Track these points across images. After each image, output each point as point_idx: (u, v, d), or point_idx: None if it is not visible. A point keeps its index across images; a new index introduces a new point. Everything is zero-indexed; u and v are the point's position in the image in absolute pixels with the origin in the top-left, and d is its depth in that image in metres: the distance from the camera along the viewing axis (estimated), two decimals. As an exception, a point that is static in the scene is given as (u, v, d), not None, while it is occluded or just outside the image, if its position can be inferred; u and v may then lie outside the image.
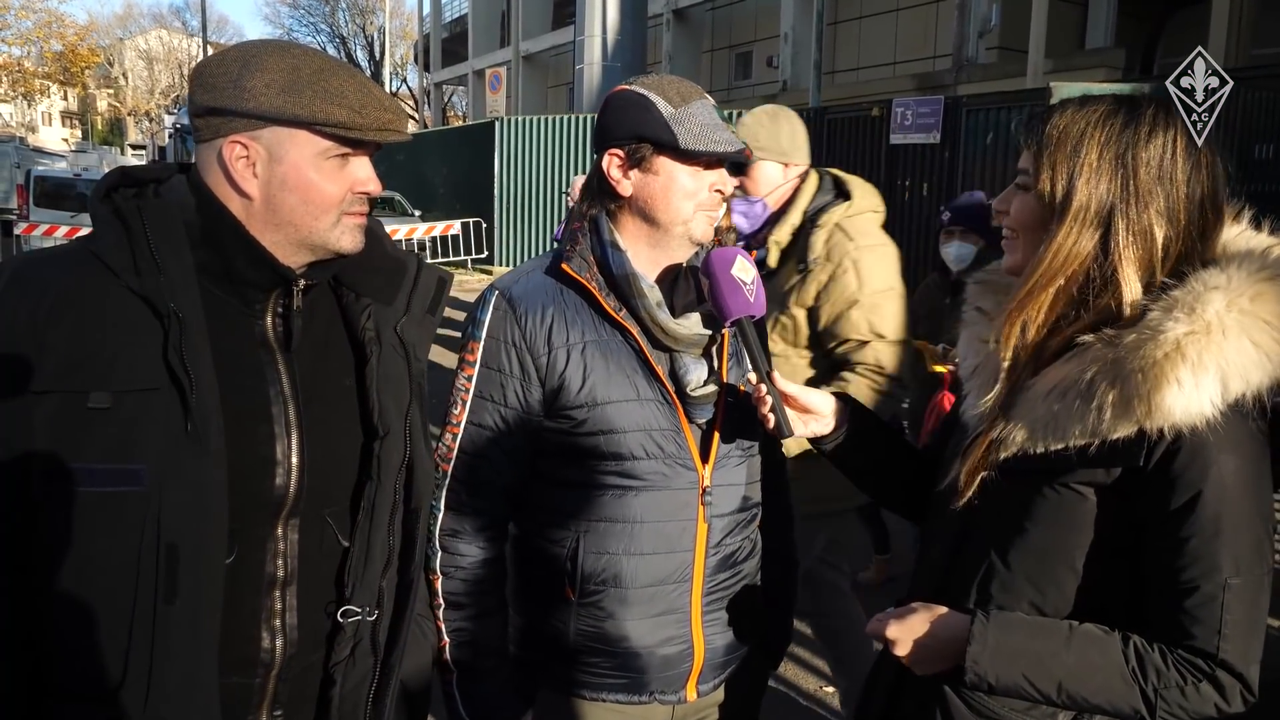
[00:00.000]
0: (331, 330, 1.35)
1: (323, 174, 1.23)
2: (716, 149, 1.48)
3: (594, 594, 1.56)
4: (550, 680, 1.64)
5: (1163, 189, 1.22)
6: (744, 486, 1.64)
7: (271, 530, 1.26)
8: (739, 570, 1.65)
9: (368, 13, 46.23)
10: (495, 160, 17.04)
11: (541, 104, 31.30)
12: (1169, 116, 1.24)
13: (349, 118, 1.20)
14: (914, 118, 13.49)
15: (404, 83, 50.42)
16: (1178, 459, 1.16)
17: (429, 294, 1.43)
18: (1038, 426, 1.23)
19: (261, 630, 1.26)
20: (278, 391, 1.26)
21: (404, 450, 1.36)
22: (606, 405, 1.51)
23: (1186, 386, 1.13)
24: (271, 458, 1.24)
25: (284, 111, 1.18)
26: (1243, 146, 12.04)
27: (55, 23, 41.28)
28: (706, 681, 1.63)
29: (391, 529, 1.36)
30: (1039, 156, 1.26)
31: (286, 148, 1.21)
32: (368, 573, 1.33)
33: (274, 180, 1.22)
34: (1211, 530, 1.15)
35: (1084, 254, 1.23)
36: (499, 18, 35.53)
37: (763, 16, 23.54)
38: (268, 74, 1.19)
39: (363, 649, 1.35)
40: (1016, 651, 1.22)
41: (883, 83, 19.65)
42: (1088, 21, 18.66)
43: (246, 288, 1.26)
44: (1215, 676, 1.16)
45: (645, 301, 1.52)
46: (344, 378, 1.35)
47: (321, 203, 1.23)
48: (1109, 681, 1.19)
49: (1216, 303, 1.15)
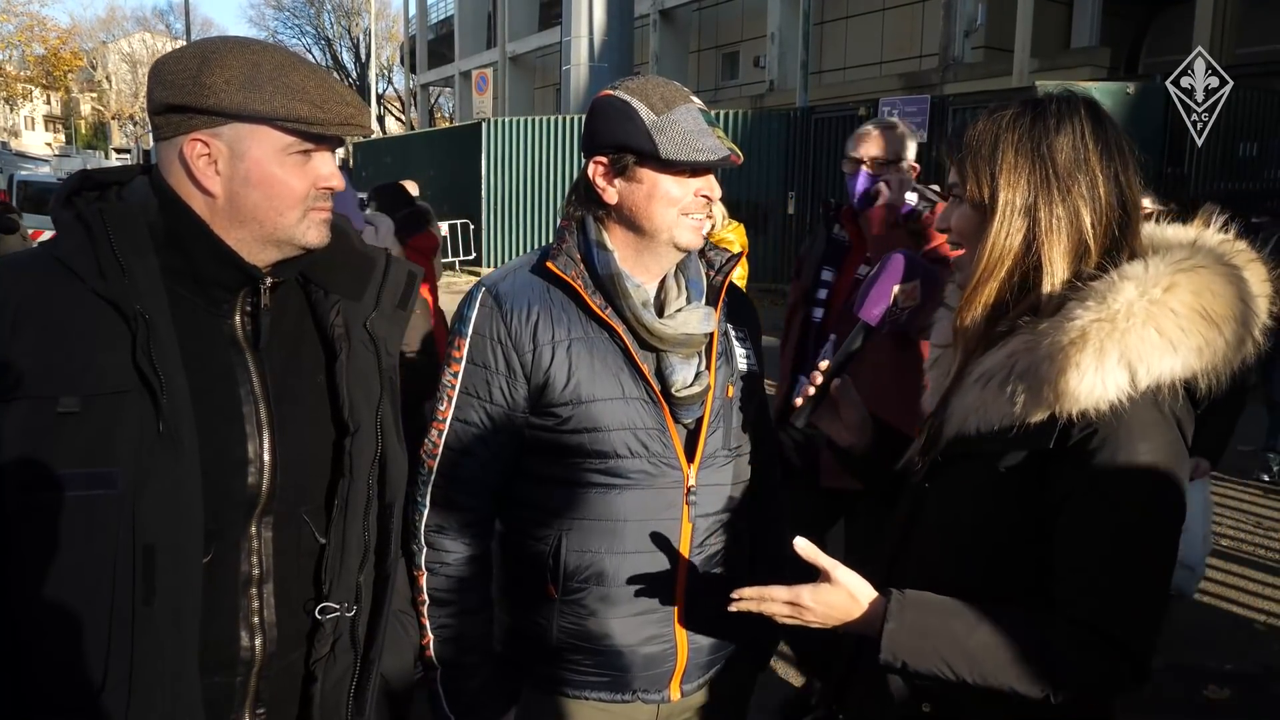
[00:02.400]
0: (302, 327, 1.35)
1: (286, 169, 1.22)
2: (698, 158, 1.45)
3: (576, 592, 1.55)
4: (534, 678, 1.63)
5: (1081, 174, 1.27)
6: (730, 487, 1.63)
7: (245, 529, 1.26)
8: (724, 570, 1.64)
9: (353, 14, 46.12)
10: (482, 162, 17.01)
11: (529, 105, 31.30)
12: (1072, 107, 1.29)
13: (311, 113, 1.20)
14: (900, 117, 13.52)
15: (390, 84, 50.38)
16: (1090, 442, 1.20)
17: (399, 288, 1.43)
18: (968, 412, 1.29)
19: (240, 629, 1.26)
20: (248, 391, 1.26)
21: (375, 445, 1.36)
22: (591, 403, 1.50)
23: (1088, 371, 1.17)
24: (244, 457, 1.24)
25: (245, 108, 1.18)
26: (1227, 144, 12.12)
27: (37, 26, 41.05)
28: (691, 681, 1.62)
29: (366, 524, 1.36)
30: (963, 166, 1.33)
31: (248, 144, 1.20)
32: (344, 569, 1.33)
33: (237, 177, 1.21)
34: (1118, 515, 1.19)
35: (1015, 247, 1.28)
36: (485, 19, 35.51)
37: (749, 17, 23.59)
38: (227, 70, 1.18)
39: (342, 645, 1.35)
40: (930, 631, 1.24)
41: (869, 82, 19.71)
42: (1073, 21, 18.77)
43: (213, 287, 1.25)
44: (1112, 655, 1.19)
45: (630, 301, 1.51)
46: (315, 375, 1.34)
47: (286, 198, 1.23)
48: (1012, 659, 1.21)
49: (1128, 292, 1.19)
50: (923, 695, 1.33)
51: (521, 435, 1.56)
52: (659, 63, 25.19)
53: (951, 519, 1.34)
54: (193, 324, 1.22)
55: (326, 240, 1.29)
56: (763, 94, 21.84)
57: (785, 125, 15.58)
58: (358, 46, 45.55)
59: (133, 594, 1.13)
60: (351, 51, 46.51)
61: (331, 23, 46.99)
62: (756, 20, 23.01)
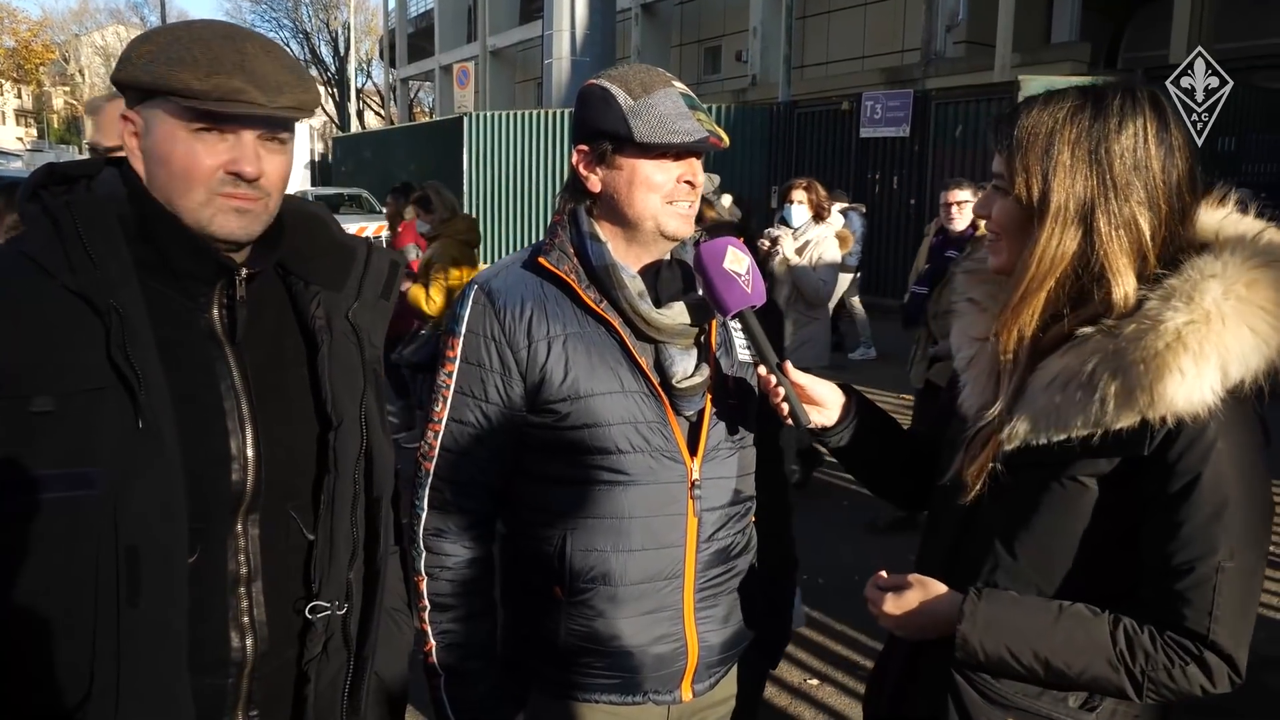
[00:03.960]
0: (283, 320, 1.32)
1: (186, 146, 1.16)
2: (672, 139, 1.42)
3: (583, 592, 1.52)
4: (542, 682, 1.60)
5: (1140, 178, 1.21)
6: (735, 479, 1.60)
7: (231, 527, 1.23)
8: (733, 566, 1.61)
9: (331, 8, 45.72)
10: (464, 156, 16.88)
11: (510, 99, 31.16)
12: (1136, 105, 1.22)
13: (193, 84, 1.12)
14: (883, 111, 13.58)
15: (369, 79, 50.01)
16: (1176, 445, 1.16)
17: (381, 278, 1.40)
18: (1039, 419, 1.23)
19: (230, 629, 1.23)
20: (229, 385, 1.23)
21: (360, 439, 1.33)
22: (590, 398, 1.47)
23: (1189, 376, 1.13)
24: (227, 453, 1.21)
25: (139, 79, 1.15)
26: (1206, 138, 12.23)
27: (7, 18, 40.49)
28: (702, 681, 1.59)
29: (354, 520, 1.33)
30: (1011, 160, 1.25)
31: (155, 119, 1.17)
32: (334, 566, 1.31)
33: (148, 153, 1.19)
34: (1208, 514, 1.16)
35: (1069, 253, 1.23)
36: (465, 12, 35.32)
37: (731, 11, 23.58)
38: (153, 43, 1.15)
39: (335, 644, 1.33)
40: (1005, 627, 1.23)
41: (852, 77, 19.76)
42: (1053, 16, 18.90)
43: (188, 280, 1.22)
44: (1203, 658, 1.18)
45: (626, 292, 1.48)
46: (297, 368, 1.31)
47: (185, 177, 1.17)
48: (1095, 662, 1.20)
49: (1214, 291, 1.15)
50: (1003, 706, 1.30)
51: (519, 434, 1.53)
52: (640, 57, 25.13)
53: (1019, 532, 1.29)
54: (170, 318, 1.19)
55: (247, 232, 1.22)
56: (745, 88, 21.83)
57: (768, 120, 15.58)
58: (336, 40, 45.22)
59: (117, 596, 1.10)
60: (330, 45, 46.17)
61: (309, 16, 46.59)
62: (739, 14, 23.00)
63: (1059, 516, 1.25)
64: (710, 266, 1.47)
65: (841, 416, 1.53)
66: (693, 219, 1.52)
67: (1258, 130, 13.16)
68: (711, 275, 1.47)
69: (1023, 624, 1.23)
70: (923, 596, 1.32)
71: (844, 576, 4.60)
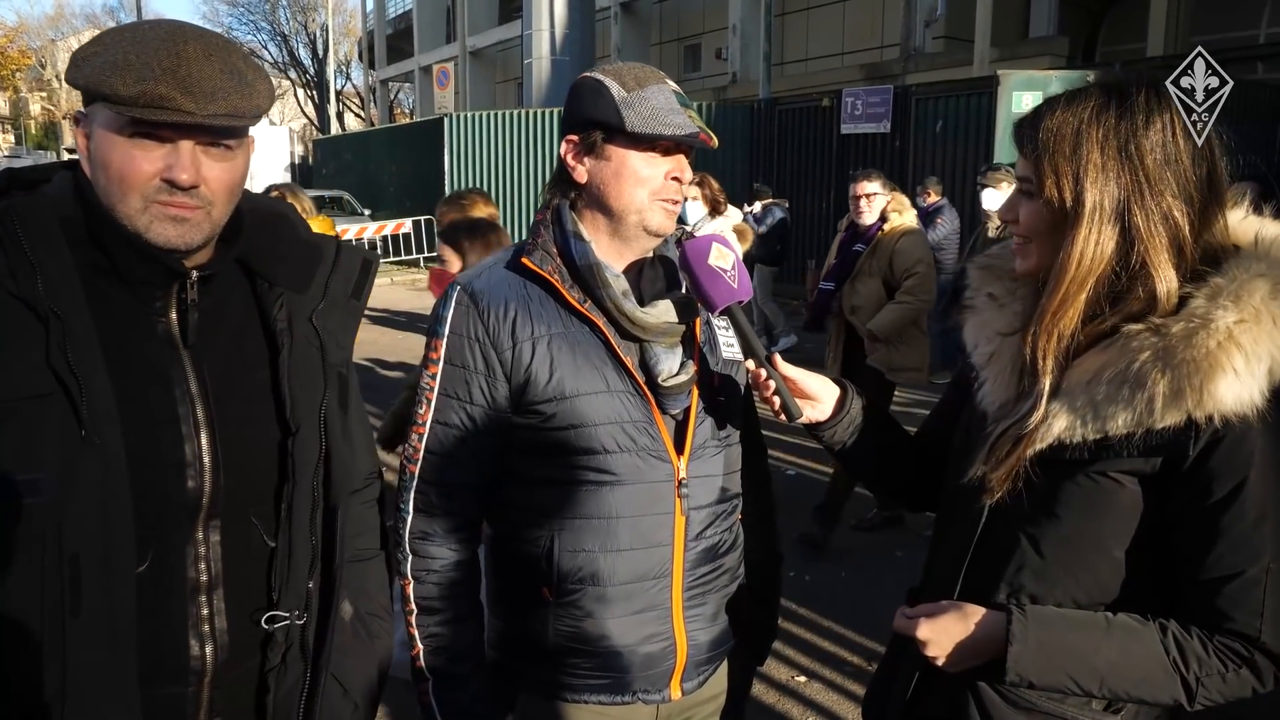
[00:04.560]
0: (247, 321, 1.30)
1: (123, 152, 1.14)
2: (664, 132, 1.42)
3: (571, 593, 1.51)
4: (531, 683, 1.58)
5: (1172, 172, 1.19)
6: (722, 477, 1.59)
7: (190, 534, 1.21)
8: (720, 564, 1.60)
9: (309, 10, 45.34)
10: (445, 157, 16.83)
11: (490, 99, 31.06)
12: (1161, 99, 1.21)
13: (120, 91, 1.09)
14: (864, 107, 13.60)
15: (349, 80, 49.77)
16: (1222, 446, 1.14)
17: (351, 277, 1.38)
18: (1078, 416, 1.20)
19: (190, 638, 1.22)
20: (184, 391, 1.21)
21: (319, 446, 1.31)
22: (576, 398, 1.46)
23: (1242, 375, 1.11)
24: (181, 459, 1.19)
25: (77, 80, 1.13)
26: (1185, 131, 12.32)
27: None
28: (690, 679, 1.59)
29: (313, 528, 1.31)
30: (1039, 163, 1.23)
31: (96, 122, 1.15)
32: (293, 575, 1.29)
33: (92, 157, 1.17)
34: (1255, 516, 1.14)
35: (1108, 253, 1.20)
36: (444, 13, 35.19)
37: (711, 9, 23.58)
38: (99, 45, 1.14)
39: (293, 655, 1.32)
40: (1058, 649, 1.21)
41: (832, 73, 19.81)
42: (1031, 10, 18.97)
43: (139, 285, 1.19)
44: (1254, 660, 1.17)
45: (610, 291, 1.47)
46: (260, 370, 1.29)
47: (121, 183, 1.15)
48: (1151, 673, 1.18)
49: (1262, 289, 1.14)
50: (1026, 709, 1.28)
51: (505, 436, 1.52)
52: (621, 55, 25.10)
53: (1049, 532, 1.26)
54: (122, 322, 1.17)
55: (185, 241, 1.18)
56: (725, 86, 21.85)
57: (749, 117, 15.60)
58: (314, 42, 44.89)
59: (61, 606, 1.08)
60: (309, 47, 45.81)
61: (287, 18, 46.22)
62: (718, 12, 23.01)
63: (1091, 515, 1.22)
64: (696, 263, 1.47)
65: (835, 411, 1.51)
66: (676, 216, 1.51)
67: (1236, 122, 13.26)
68: (698, 272, 1.46)
69: (1076, 642, 1.21)
70: (961, 620, 1.26)
71: (831, 573, 4.61)
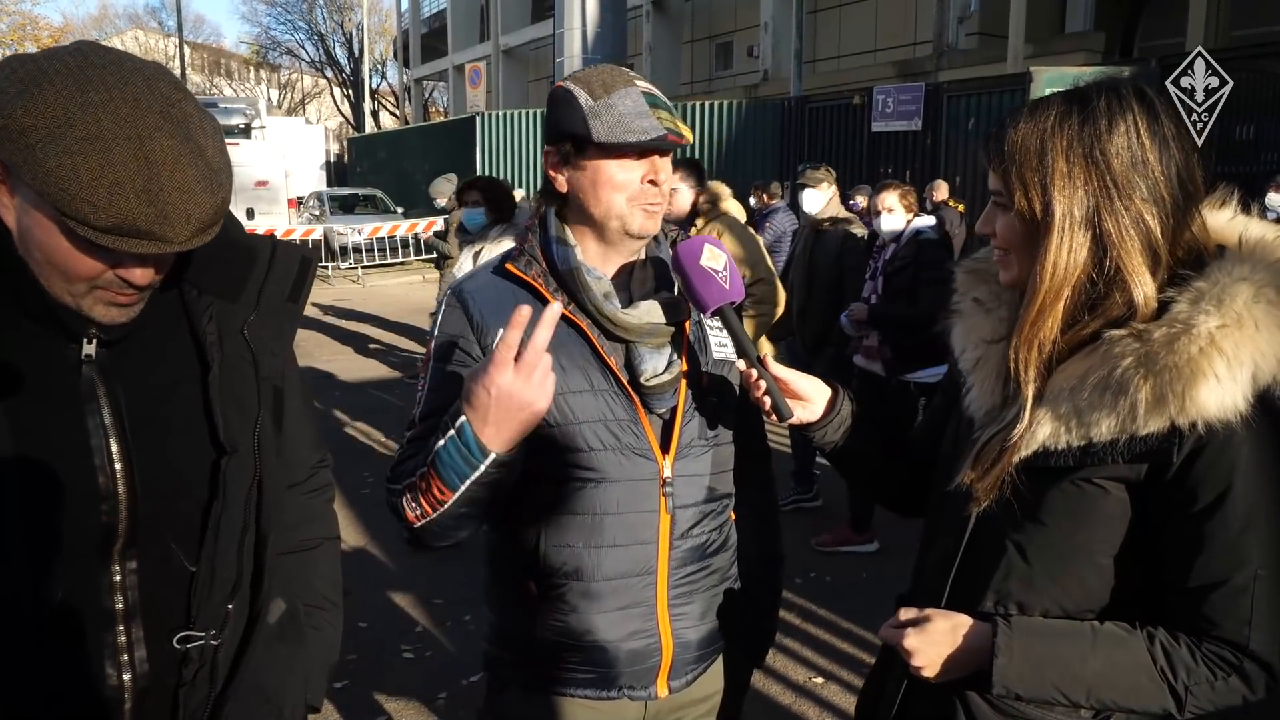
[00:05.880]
0: (174, 332, 1.22)
1: (70, 254, 1.03)
2: (628, 138, 1.42)
3: (557, 588, 1.54)
4: (521, 677, 1.62)
5: (1140, 174, 1.18)
6: (709, 477, 1.60)
7: (106, 565, 1.16)
8: (708, 564, 1.62)
9: (346, 10, 45.77)
10: (477, 155, 16.97)
11: (523, 98, 31.19)
12: (1122, 102, 1.19)
13: (90, 219, 0.97)
14: (895, 105, 13.50)
15: (384, 79, 50.20)
16: (1206, 453, 1.14)
17: (288, 279, 1.31)
18: (1062, 422, 1.20)
19: (108, 666, 1.17)
20: (97, 423, 1.13)
21: (253, 469, 1.25)
22: (560, 396, 1.48)
23: (1224, 381, 1.10)
24: (95, 491, 1.13)
25: (25, 169, 0.97)
26: (1223, 127, 12.08)
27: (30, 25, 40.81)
28: (679, 677, 1.60)
29: (241, 551, 1.27)
30: (1007, 176, 1.23)
31: (30, 211, 1.02)
32: (213, 595, 1.24)
33: (20, 229, 1.05)
34: (1242, 524, 1.14)
35: (1081, 261, 1.20)
36: (478, 12, 35.38)
37: (743, 6, 23.51)
38: (44, 111, 0.96)
39: (202, 675, 1.26)
40: (1044, 660, 1.20)
41: (864, 70, 19.66)
42: (1067, 5, 18.71)
43: (47, 320, 1.11)
44: (1243, 668, 1.16)
45: (591, 294, 1.49)
46: (189, 384, 1.21)
47: (64, 274, 1.05)
48: (1138, 682, 1.18)
49: (1244, 293, 1.13)
50: (1014, 718, 1.27)
51: None
52: (652, 54, 25.09)
53: (1034, 538, 1.25)
54: (31, 353, 1.10)
55: (128, 317, 1.11)
56: (757, 83, 21.77)
57: (779, 114, 15.55)
58: (350, 41, 45.33)
59: None
60: (345, 46, 46.30)
61: (324, 18, 46.69)
62: (750, 10, 22.92)
63: (1077, 522, 1.22)
64: (688, 264, 1.48)
65: (826, 412, 1.51)
66: (659, 217, 1.52)
67: (1276, 117, 13.01)
68: (690, 273, 1.48)
69: (1062, 653, 1.20)
70: (948, 631, 1.26)
71: (851, 574, 4.60)
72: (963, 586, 1.32)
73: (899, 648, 1.29)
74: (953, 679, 1.28)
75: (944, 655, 1.26)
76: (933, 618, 1.28)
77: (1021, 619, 1.24)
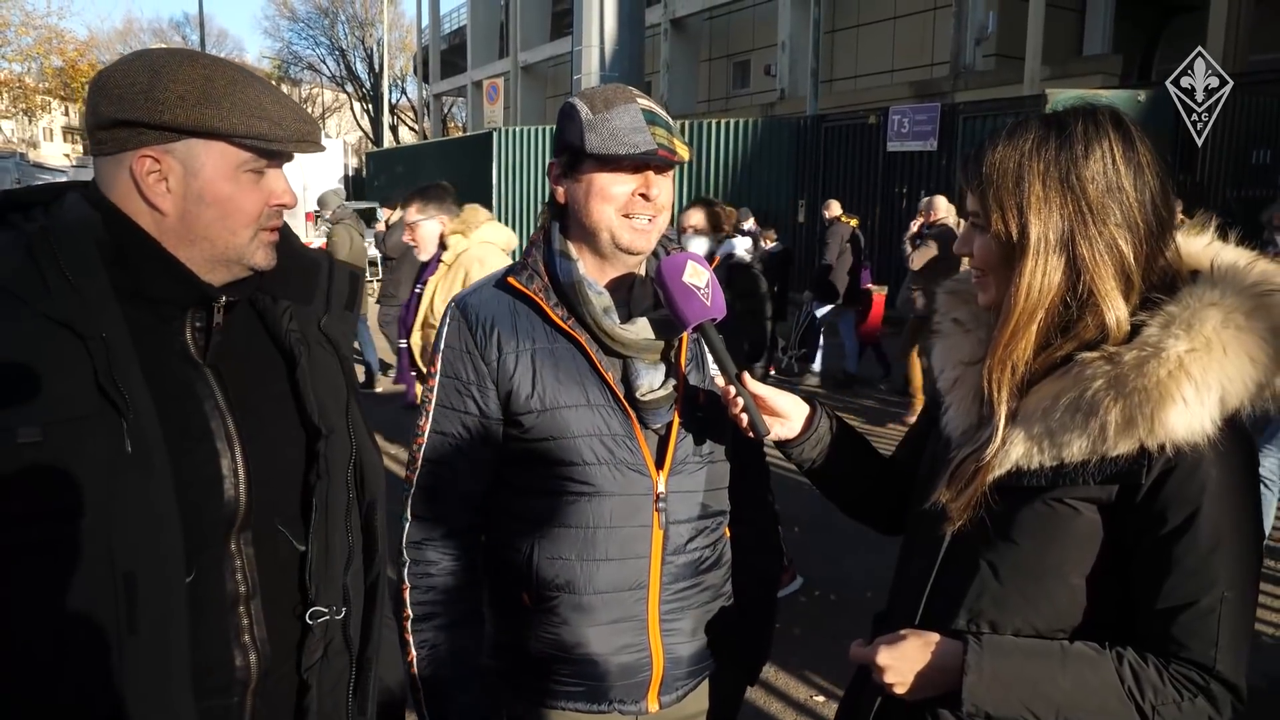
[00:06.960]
0: (253, 339, 1.32)
1: (240, 187, 1.21)
2: (620, 151, 1.45)
3: (549, 600, 1.55)
4: (517, 689, 1.63)
5: (1114, 200, 1.20)
6: (703, 493, 1.61)
7: (226, 547, 1.22)
8: (701, 581, 1.62)
9: (367, 25, 46.26)
10: (493, 170, 17.07)
11: (541, 114, 31.39)
12: (1099, 127, 1.22)
13: (269, 129, 1.18)
14: (911, 125, 13.51)
15: (404, 94, 50.60)
16: (1174, 476, 1.15)
17: (345, 290, 1.43)
18: (1034, 443, 1.21)
19: (234, 650, 1.23)
20: (213, 406, 1.23)
21: (350, 446, 1.35)
22: (556, 410, 1.51)
23: (1191, 404, 1.12)
24: (218, 474, 1.21)
25: (201, 124, 1.15)
26: (1240, 151, 12.04)
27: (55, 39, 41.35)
28: (669, 693, 1.61)
29: (349, 526, 1.34)
30: (984, 198, 1.25)
31: (202, 161, 1.18)
32: (329, 572, 1.31)
33: (190, 194, 1.19)
34: (1209, 546, 1.15)
35: (1055, 284, 1.22)
36: (498, 29, 35.68)
37: (760, 25, 23.61)
38: (180, 85, 1.15)
39: (335, 648, 1.33)
40: (1013, 679, 1.21)
41: (880, 90, 19.69)
42: (1085, 28, 18.71)
43: (163, 305, 1.22)
44: (1210, 689, 1.17)
45: (591, 308, 1.51)
46: (274, 385, 1.31)
47: (240, 217, 1.21)
48: (1106, 702, 1.18)
49: (1214, 319, 1.15)
50: None
51: (499, 444, 1.56)
52: (670, 72, 25.22)
53: (1007, 558, 1.26)
54: (147, 342, 1.17)
55: (274, 262, 1.27)
56: (773, 102, 21.84)
57: (795, 133, 15.58)
58: (371, 57, 45.76)
59: (118, 624, 1.08)
60: (365, 62, 46.73)
61: (345, 33, 47.20)
62: (767, 29, 23.03)
63: (1049, 542, 1.23)
64: (670, 280, 1.49)
65: (804, 429, 1.52)
66: (651, 233, 1.54)
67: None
68: (671, 288, 1.49)
69: (1032, 672, 1.21)
70: (920, 649, 1.27)
71: (856, 591, 4.59)
72: (937, 605, 1.33)
73: (871, 664, 1.30)
74: (924, 697, 1.28)
75: (915, 672, 1.27)
76: (905, 636, 1.29)
77: (992, 638, 1.25)
